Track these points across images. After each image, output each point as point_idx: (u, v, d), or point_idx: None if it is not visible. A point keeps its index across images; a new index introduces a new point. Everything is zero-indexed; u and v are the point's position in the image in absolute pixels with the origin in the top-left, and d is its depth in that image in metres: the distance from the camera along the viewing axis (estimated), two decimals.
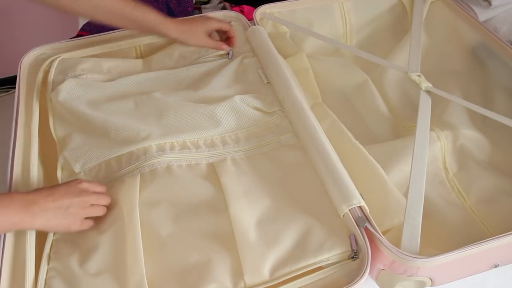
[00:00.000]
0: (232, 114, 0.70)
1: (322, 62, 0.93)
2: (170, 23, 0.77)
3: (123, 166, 0.64)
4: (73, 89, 0.73)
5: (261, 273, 0.52)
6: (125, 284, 0.52)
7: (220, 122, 0.69)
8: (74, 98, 0.72)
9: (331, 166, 0.60)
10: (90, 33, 1.04)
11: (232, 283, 0.51)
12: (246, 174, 0.63)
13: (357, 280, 0.51)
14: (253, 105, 0.72)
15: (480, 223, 0.70)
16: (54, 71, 0.77)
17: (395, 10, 1.04)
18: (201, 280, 0.51)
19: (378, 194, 0.65)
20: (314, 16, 0.98)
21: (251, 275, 0.51)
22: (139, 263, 0.52)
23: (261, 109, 0.72)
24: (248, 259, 0.52)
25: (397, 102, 0.90)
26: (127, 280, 0.52)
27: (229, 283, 0.51)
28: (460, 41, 0.94)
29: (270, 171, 0.64)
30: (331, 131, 0.73)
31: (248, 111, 0.71)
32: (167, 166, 0.63)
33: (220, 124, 0.69)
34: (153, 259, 0.54)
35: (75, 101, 0.71)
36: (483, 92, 0.87)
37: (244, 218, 0.56)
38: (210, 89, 0.75)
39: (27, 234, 0.56)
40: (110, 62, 0.80)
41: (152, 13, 0.75)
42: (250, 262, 0.52)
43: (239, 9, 1.07)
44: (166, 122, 0.68)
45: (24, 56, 0.81)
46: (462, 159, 0.78)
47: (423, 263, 0.52)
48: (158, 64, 0.82)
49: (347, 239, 0.54)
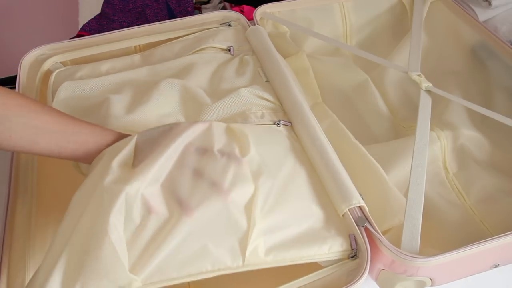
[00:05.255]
0: (239, 105, 0.70)
1: (322, 62, 0.93)
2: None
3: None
4: (72, 89, 0.72)
5: (260, 255, 0.50)
6: None
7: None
8: (74, 95, 0.72)
9: (331, 166, 0.60)
10: (90, 33, 1.04)
11: (231, 260, 0.49)
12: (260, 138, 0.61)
13: (356, 279, 0.50)
14: (260, 95, 0.72)
15: (480, 223, 0.70)
16: (53, 83, 0.76)
17: (395, 10, 1.04)
18: (198, 256, 0.49)
19: (378, 194, 0.65)
20: (314, 16, 0.98)
21: (251, 254, 0.50)
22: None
23: (267, 98, 0.72)
24: (252, 237, 0.50)
25: (397, 102, 0.90)
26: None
27: (228, 259, 0.49)
28: (460, 41, 0.94)
29: (284, 151, 0.63)
30: (331, 131, 0.73)
31: (256, 99, 0.71)
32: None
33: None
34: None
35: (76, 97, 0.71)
36: (483, 92, 0.87)
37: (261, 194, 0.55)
38: (215, 84, 0.75)
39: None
40: (107, 64, 0.80)
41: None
42: (253, 241, 0.50)
43: (239, 9, 1.07)
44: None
45: (24, 56, 0.81)
46: (462, 159, 0.78)
47: (423, 263, 0.52)
48: (158, 57, 0.81)
49: (347, 239, 0.54)
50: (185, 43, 0.84)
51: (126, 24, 1.09)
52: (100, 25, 1.08)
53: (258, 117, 0.68)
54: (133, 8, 1.11)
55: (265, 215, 0.54)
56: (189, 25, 0.89)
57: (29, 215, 0.60)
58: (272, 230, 0.53)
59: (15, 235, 0.57)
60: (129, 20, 1.10)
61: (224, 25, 0.89)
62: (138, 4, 1.11)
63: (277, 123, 0.68)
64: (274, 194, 0.56)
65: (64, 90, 0.72)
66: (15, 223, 0.58)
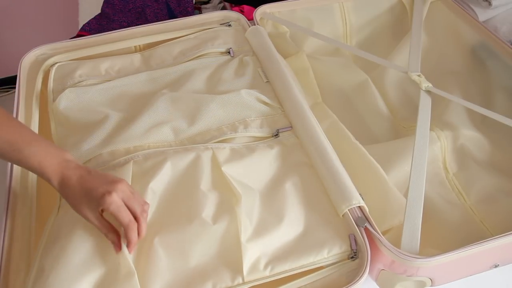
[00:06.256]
0: (239, 107, 0.71)
1: (322, 62, 0.93)
2: (52, 168, 0.52)
3: (116, 157, 0.63)
4: (73, 99, 0.73)
5: (260, 269, 0.51)
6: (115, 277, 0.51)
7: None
8: (75, 106, 0.72)
9: (331, 166, 0.60)
10: (90, 33, 1.04)
11: (230, 279, 0.51)
12: (247, 167, 0.63)
13: (356, 280, 0.51)
14: (260, 98, 0.72)
15: (480, 223, 0.70)
16: (53, 79, 0.77)
17: (395, 10, 1.04)
18: (199, 276, 0.51)
19: (378, 194, 0.65)
20: (314, 16, 0.98)
21: (250, 271, 0.51)
22: (127, 258, 0.51)
23: (267, 102, 0.72)
24: (248, 254, 0.52)
25: (397, 102, 0.90)
26: (118, 273, 0.51)
27: (228, 278, 0.51)
28: (460, 41, 0.94)
29: (270, 169, 0.64)
30: (331, 131, 0.73)
31: (255, 103, 0.72)
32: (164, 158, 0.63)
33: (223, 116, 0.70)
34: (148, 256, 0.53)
35: (75, 108, 0.72)
36: (483, 92, 0.87)
37: (244, 213, 0.56)
38: (213, 86, 0.75)
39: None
40: (107, 62, 0.80)
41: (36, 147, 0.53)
42: (250, 258, 0.52)
43: (239, 9, 1.07)
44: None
45: (24, 56, 0.81)
46: (462, 159, 0.78)
47: (423, 263, 0.52)
48: (157, 61, 0.82)
49: (347, 239, 0.54)
50: (185, 45, 0.84)
51: (126, 24, 1.09)
52: (100, 25, 1.08)
53: (258, 126, 0.69)
54: (133, 8, 1.11)
55: (257, 230, 0.55)
56: (189, 25, 0.89)
57: (29, 215, 0.60)
58: (268, 243, 0.54)
59: (15, 236, 0.57)
60: (129, 20, 1.10)
61: (224, 25, 0.89)
62: (138, 4, 1.11)
63: (275, 134, 0.68)
64: (259, 208, 0.57)
65: (65, 99, 0.73)
66: (15, 224, 0.58)
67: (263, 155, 0.65)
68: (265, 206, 0.58)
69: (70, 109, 0.71)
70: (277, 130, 0.69)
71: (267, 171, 0.63)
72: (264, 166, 0.64)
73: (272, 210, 0.58)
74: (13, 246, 0.56)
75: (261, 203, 0.59)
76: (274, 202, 0.59)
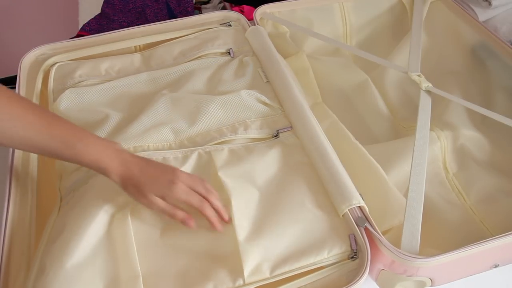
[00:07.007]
0: (239, 108, 0.71)
1: (322, 62, 0.93)
2: (110, 161, 0.54)
3: None
4: (73, 99, 0.73)
5: (260, 270, 0.51)
6: (118, 278, 0.51)
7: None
8: (75, 106, 0.72)
9: (331, 166, 0.60)
10: (90, 33, 1.04)
11: (231, 280, 0.51)
12: (245, 168, 0.63)
13: (356, 280, 0.51)
14: (260, 99, 0.72)
15: (480, 223, 0.70)
16: (53, 79, 0.77)
17: (395, 10, 1.04)
18: (200, 278, 0.51)
19: (378, 194, 0.65)
20: (314, 16, 0.98)
21: (251, 272, 0.51)
22: (132, 260, 0.52)
23: (267, 103, 0.72)
24: (248, 256, 0.52)
25: (397, 102, 0.90)
26: (120, 275, 0.51)
27: (228, 280, 0.51)
28: (460, 41, 0.94)
29: (269, 169, 0.64)
30: (331, 131, 0.73)
31: (255, 104, 0.72)
32: (163, 158, 0.64)
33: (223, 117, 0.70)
34: (149, 258, 0.54)
35: (76, 108, 0.72)
36: (483, 92, 0.87)
37: (243, 215, 0.56)
38: (213, 87, 0.75)
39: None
40: (107, 62, 0.80)
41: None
42: (250, 258, 0.52)
43: (239, 9, 1.07)
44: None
45: (24, 56, 0.81)
46: (462, 159, 0.78)
47: (423, 263, 0.52)
48: (157, 61, 0.82)
49: (347, 239, 0.54)
50: (185, 45, 0.84)
51: (126, 24, 1.09)
52: (100, 25, 1.08)
53: (258, 128, 0.69)
54: (133, 8, 1.11)
55: (256, 231, 0.55)
56: (189, 25, 0.89)
57: (29, 214, 0.60)
58: (268, 244, 0.54)
59: (15, 234, 0.57)
60: (129, 20, 1.10)
61: (224, 25, 0.89)
62: (138, 4, 1.11)
63: (275, 134, 0.68)
64: (258, 208, 0.58)
65: (66, 99, 0.73)
66: (15, 223, 0.58)
67: (262, 155, 0.65)
68: (265, 206, 0.58)
69: (70, 109, 0.72)
70: (277, 130, 0.69)
71: (266, 171, 0.63)
72: (264, 166, 0.64)
73: (272, 210, 0.58)
74: (13, 246, 0.56)
75: (260, 203, 0.59)
76: (274, 202, 0.59)
